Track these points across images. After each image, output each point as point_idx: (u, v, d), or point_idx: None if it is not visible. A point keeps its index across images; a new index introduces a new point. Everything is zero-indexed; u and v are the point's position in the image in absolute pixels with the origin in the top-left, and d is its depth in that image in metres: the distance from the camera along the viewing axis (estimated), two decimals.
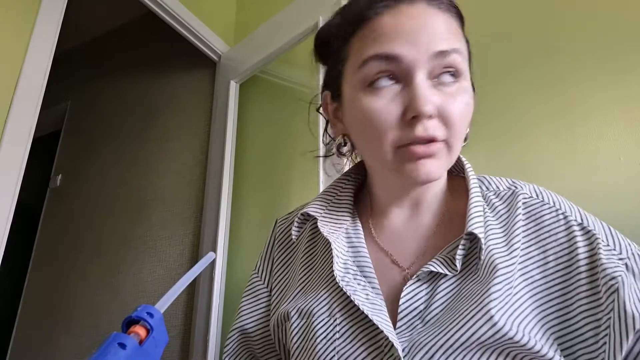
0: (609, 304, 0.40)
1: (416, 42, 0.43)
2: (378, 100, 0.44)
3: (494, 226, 0.48)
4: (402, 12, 0.45)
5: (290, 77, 1.61)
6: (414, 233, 0.52)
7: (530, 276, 0.44)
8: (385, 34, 0.44)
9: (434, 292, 0.45)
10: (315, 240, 0.57)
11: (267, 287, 0.59)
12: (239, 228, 1.55)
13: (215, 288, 1.44)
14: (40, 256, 2.12)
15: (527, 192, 0.50)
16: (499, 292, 0.41)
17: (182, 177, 1.79)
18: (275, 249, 0.61)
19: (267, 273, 0.60)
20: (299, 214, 0.57)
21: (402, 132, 0.44)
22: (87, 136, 2.25)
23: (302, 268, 0.55)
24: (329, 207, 0.56)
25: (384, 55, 0.44)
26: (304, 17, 1.41)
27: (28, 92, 1.14)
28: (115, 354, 0.26)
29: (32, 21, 1.18)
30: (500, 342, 0.40)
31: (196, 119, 1.85)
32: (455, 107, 0.44)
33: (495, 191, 0.52)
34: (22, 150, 1.11)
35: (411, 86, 0.43)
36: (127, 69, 2.25)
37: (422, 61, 0.43)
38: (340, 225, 0.54)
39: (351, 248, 0.52)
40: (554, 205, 0.48)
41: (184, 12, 1.64)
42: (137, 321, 0.28)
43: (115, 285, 1.79)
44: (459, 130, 0.45)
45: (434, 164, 0.44)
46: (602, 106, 1.02)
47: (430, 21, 0.44)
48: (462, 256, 0.46)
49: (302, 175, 1.42)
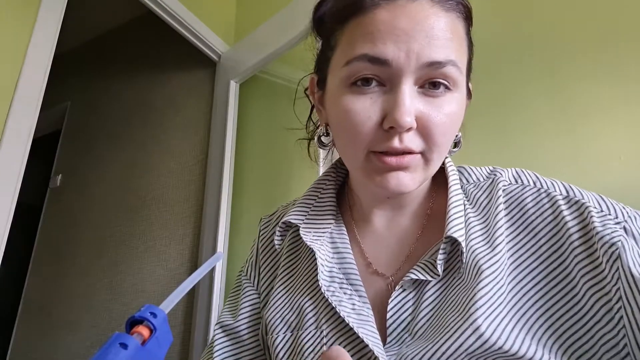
0: (613, 273, 0.37)
1: (408, 47, 0.40)
2: (359, 102, 0.41)
3: (475, 224, 0.46)
4: (401, 8, 0.41)
5: (291, 77, 1.61)
6: (397, 238, 0.50)
7: (525, 267, 0.42)
8: (377, 32, 0.40)
9: (419, 300, 0.43)
10: (298, 245, 0.55)
11: (257, 291, 0.57)
12: (239, 228, 1.55)
13: (215, 288, 1.44)
14: (40, 256, 2.12)
15: (506, 179, 0.48)
16: (486, 297, 0.39)
17: (182, 177, 1.79)
18: (260, 254, 0.59)
19: (256, 278, 0.58)
20: (280, 222, 0.54)
21: (378, 139, 0.41)
22: (87, 136, 2.25)
23: (285, 275, 0.53)
24: (310, 212, 0.53)
25: (371, 57, 0.40)
26: (304, 17, 1.40)
27: (28, 92, 1.14)
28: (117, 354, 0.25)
29: (32, 21, 1.18)
30: (489, 353, 0.38)
31: (196, 119, 1.84)
32: (439, 119, 0.41)
33: (476, 183, 0.50)
34: (22, 150, 1.11)
35: (395, 93, 0.40)
36: (127, 69, 2.25)
37: (412, 68, 0.40)
38: (324, 230, 0.52)
39: (336, 254, 0.50)
40: (534, 186, 0.46)
41: (184, 12, 1.64)
42: (141, 321, 0.28)
43: (115, 285, 1.79)
44: (439, 144, 0.42)
45: (406, 177, 0.42)
46: (602, 104, 1.02)
47: (428, 22, 0.40)
48: (443, 260, 0.44)
49: (302, 175, 1.42)
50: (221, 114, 1.68)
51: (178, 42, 1.78)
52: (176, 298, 0.31)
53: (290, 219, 0.52)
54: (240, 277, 0.60)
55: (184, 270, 1.63)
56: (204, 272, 0.34)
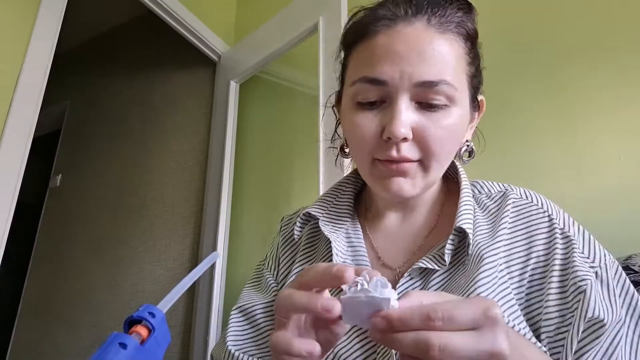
0: (574, 303, 0.43)
1: (402, 68, 0.45)
2: (362, 117, 0.47)
3: (482, 223, 0.51)
4: (397, 33, 0.46)
5: (290, 77, 1.61)
6: (407, 235, 0.54)
7: (514, 269, 0.47)
8: (375, 56, 0.46)
9: (425, 288, 0.47)
10: (315, 239, 0.59)
11: (276, 280, 0.60)
12: (239, 228, 1.55)
13: (215, 288, 1.44)
14: (40, 256, 2.13)
15: (517, 194, 0.53)
16: (487, 278, 0.43)
17: (182, 177, 1.79)
18: (281, 249, 0.62)
19: (275, 269, 0.61)
20: (300, 215, 0.58)
21: (379, 148, 0.47)
22: (86, 136, 2.25)
23: (303, 262, 0.57)
24: (330, 209, 0.58)
25: (370, 79, 0.46)
26: (304, 17, 1.41)
27: (28, 91, 1.15)
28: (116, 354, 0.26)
29: (32, 21, 1.18)
30: None
31: (196, 119, 1.85)
32: (435, 132, 0.45)
33: (487, 194, 0.55)
34: (22, 150, 1.11)
35: (392, 108, 0.45)
36: (127, 69, 2.25)
37: (405, 87, 0.45)
38: (341, 225, 0.56)
39: (350, 248, 0.54)
40: (541, 207, 0.51)
41: (184, 12, 1.64)
42: (139, 321, 0.28)
43: (115, 285, 1.79)
44: (436, 153, 0.46)
45: (407, 183, 0.47)
46: (602, 105, 1.02)
47: (422, 46, 0.45)
48: (451, 251, 0.47)
49: (302, 175, 1.42)
50: (221, 114, 1.68)
51: (178, 42, 1.78)
52: (173, 298, 0.31)
53: (311, 210, 0.57)
54: (260, 268, 0.64)
55: (184, 270, 1.63)
56: (200, 272, 0.35)
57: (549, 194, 0.54)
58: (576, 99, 1.05)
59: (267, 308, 0.56)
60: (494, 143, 1.13)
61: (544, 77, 1.10)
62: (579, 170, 1.00)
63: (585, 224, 0.51)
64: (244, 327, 0.55)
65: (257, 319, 0.55)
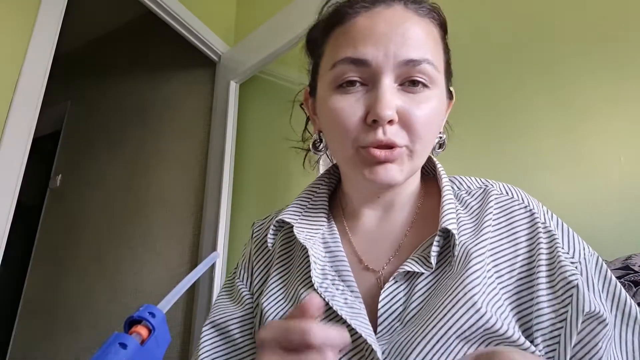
0: (566, 297, 0.42)
1: (386, 47, 0.44)
2: (344, 101, 0.46)
3: (465, 221, 0.50)
4: (378, 14, 0.46)
5: (290, 78, 1.61)
6: (387, 234, 0.52)
7: (501, 268, 0.46)
8: (357, 37, 0.45)
9: (411, 291, 0.45)
10: (290, 247, 0.56)
11: (250, 292, 0.57)
12: (239, 228, 1.55)
13: (215, 288, 1.44)
14: (40, 256, 2.13)
15: (498, 190, 0.52)
16: (477, 280, 0.42)
17: (182, 177, 1.79)
18: (254, 257, 0.59)
19: (248, 279, 0.58)
20: (274, 222, 0.55)
21: (363, 134, 0.45)
22: (87, 136, 2.25)
23: (278, 273, 0.54)
24: (304, 213, 0.56)
25: (353, 59, 0.45)
26: (304, 17, 1.40)
27: (28, 92, 1.15)
28: (116, 354, 0.26)
29: (32, 21, 1.18)
30: (483, 331, 0.40)
31: (196, 119, 1.85)
32: (419, 113, 0.45)
33: (467, 190, 0.54)
34: (22, 150, 1.11)
35: (376, 89, 0.44)
36: (127, 69, 2.25)
37: (390, 67, 0.44)
38: (317, 230, 0.54)
39: (328, 253, 0.51)
40: (523, 202, 0.50)
41: (184, 12, 1.64)
42: (139, 321, 0.28)
43: (115, 285, 1.79)
44: (422, 136, 0.45)
45: (394, 168, 0.46)
46: (602, 104, 1.02)
47: (404, 26, 0.45)
48: (437, 253, 0.46)
49: (302, 175, 1.42)
50: (221, 115, 1.68)
51: (178, 42, 1.78)
52: (174, 298, 0.31)
53: (285, 217, 0.54)
54: (232, 279, 0.60)
55: (184, 270, 1.63)
56: (201, 272, 0.35)
57: (548, 194, 0.54)
58: (576, 98, 1.05)
59: (242, 322, 0.53)
60: (492, 142, 1.13)
61: (543, 76, 1.10)
62: (580, 170, 1.00)
63: (585, 223, 0.51)
64: (218, 345, 0.52)
65: (232, 334, 0.52)
